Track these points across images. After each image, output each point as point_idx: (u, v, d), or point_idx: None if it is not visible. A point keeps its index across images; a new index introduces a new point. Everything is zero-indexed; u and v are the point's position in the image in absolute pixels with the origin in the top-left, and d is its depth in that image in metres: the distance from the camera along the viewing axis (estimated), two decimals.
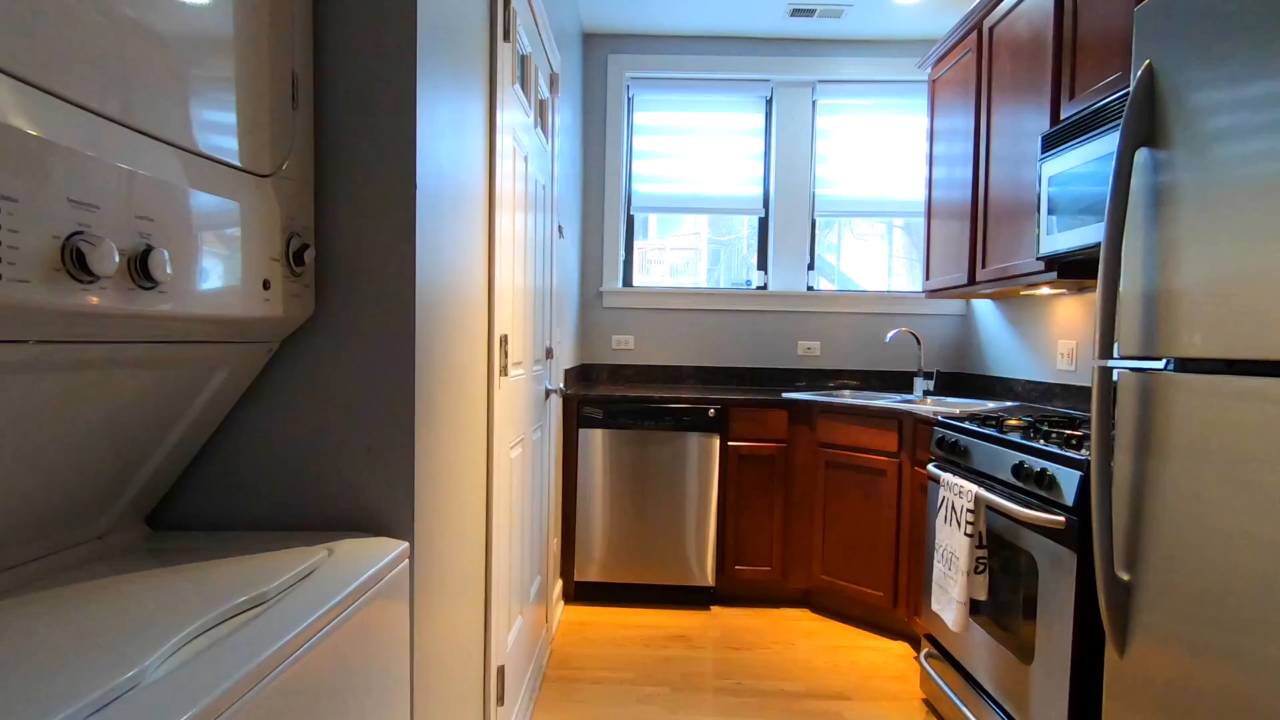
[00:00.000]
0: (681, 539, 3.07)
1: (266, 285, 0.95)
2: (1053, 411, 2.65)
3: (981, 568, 1.89)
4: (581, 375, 3.66)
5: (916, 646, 2.73)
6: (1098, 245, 1.97)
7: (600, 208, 3.69)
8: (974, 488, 1.89)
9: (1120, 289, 1.15)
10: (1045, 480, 1.65)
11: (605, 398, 3.07)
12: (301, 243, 1.03)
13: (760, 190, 3.73)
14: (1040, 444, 1.77)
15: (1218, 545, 1.01)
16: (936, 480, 2.17)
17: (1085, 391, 2.62)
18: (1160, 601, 1.11)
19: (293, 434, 1.11)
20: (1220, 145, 1.00)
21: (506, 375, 1.72)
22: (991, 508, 1.85)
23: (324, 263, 1.11)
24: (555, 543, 2.87)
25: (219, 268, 0.86)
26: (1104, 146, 1.94)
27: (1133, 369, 1.14)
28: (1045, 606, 1.66)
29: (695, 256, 4.15)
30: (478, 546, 1.56)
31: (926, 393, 3.30)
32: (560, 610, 2.96)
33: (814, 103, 3.69)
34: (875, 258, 3.95)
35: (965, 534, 1.90)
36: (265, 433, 1.11)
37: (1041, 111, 2.37)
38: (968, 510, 1.90)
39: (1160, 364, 1.12)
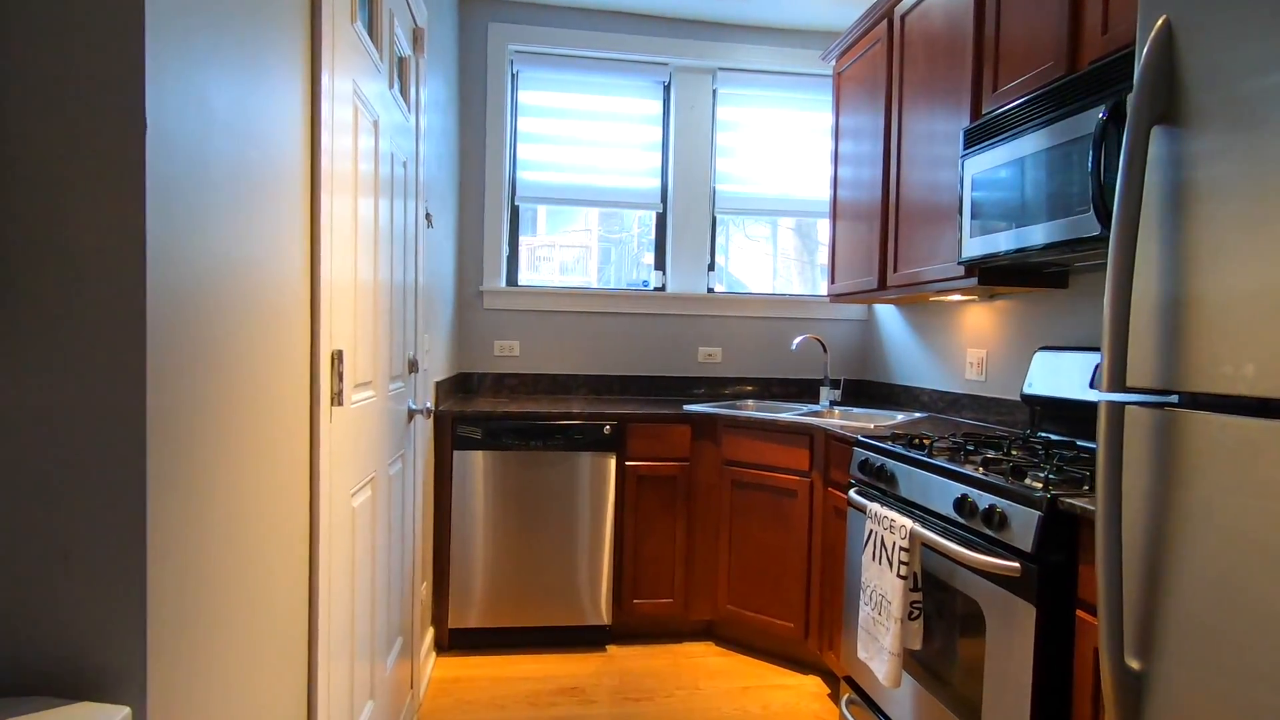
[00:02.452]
0: (573, 573, 2.72)
1: None
2: (977, 430, 2.51)
3: (916, 613, 1.66)
4: (458, 386, 3.22)
5: (829, 681, 2.52)
6: (1024, 250, 1.80)
7: (480, 196, 3.26)
8: (908, 523, 1.66)
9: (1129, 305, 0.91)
10: (995, 519, 1.43)
11: (485, 415, 2.66)
12: None
13: (658, 183, 3.43)
14: (981, 473, 1.55)
15: (1262, 638, 0.78)
16: (861, 510, 1.93)
17: (995, 403, 2.51)
18: (1181, 702, 0.87)
19: None
20: (1276, 120, 0.78)
21: (342, 404, 1.30)
22: (929, 546, 1.62)
23: None
24: (424, 589, 2.43)
25: None
26: (1036, 142, 1.76)
27: (1147, 404, 0.90)
28: (996, 665, 1.44)
29: (586, 255, 3.80)
30: (293, 643, 1.13)
31: (833, 403, 3.12)
32: (431, 665, 2.52)
33: (715, 91, 3.44)
34: (763, 259, 3.77)
35: (898, 575, 1.66)
36: None
37: (961, 107, 2.21)
38: (901, 549, 1.66)
39: (1173, 397, 0.90)
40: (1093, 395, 1.88)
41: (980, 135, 1.99)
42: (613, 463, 2.73)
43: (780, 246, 3.83)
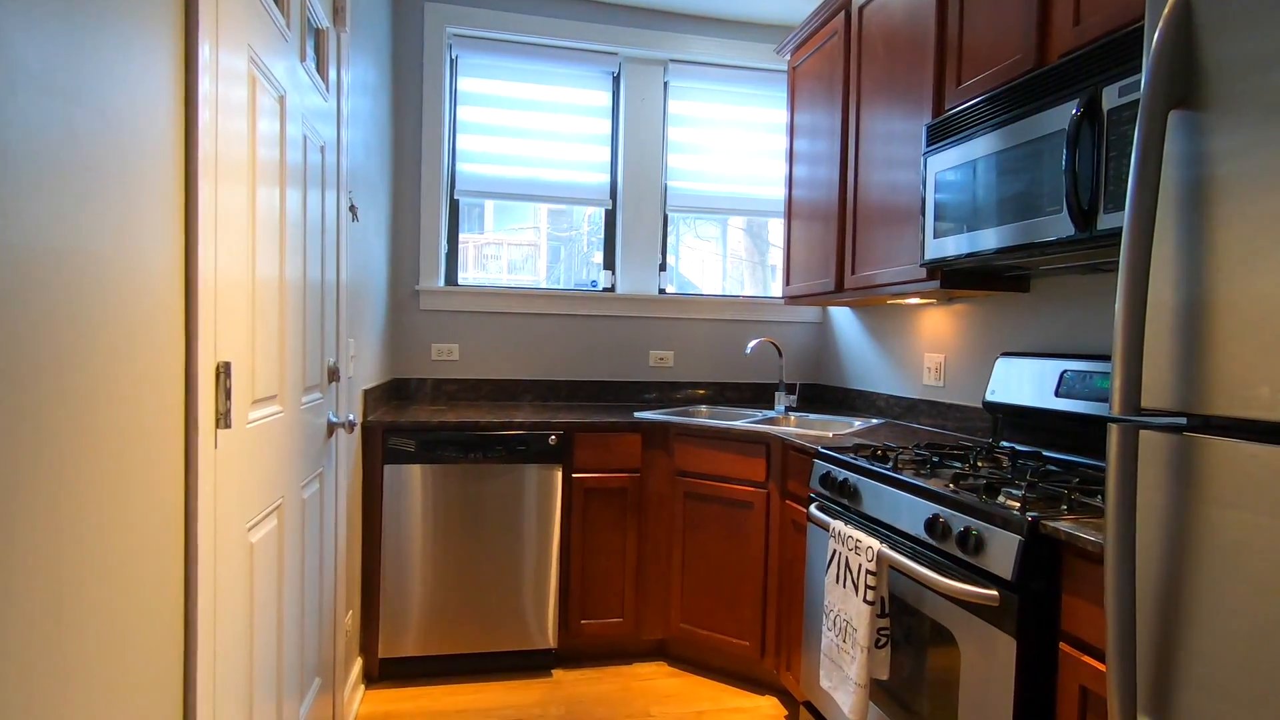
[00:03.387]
0: (517, 594, 2.53)
1: None
2: (939, 438, 2.43)
3: (883, 641, 1.54)
4: (392, 393, 2.99)
5: (786, 701, 2.40)
6: (991, 252, 1.71)
7: (416, 189, 3.03)
8: (875, 543, 1.55)
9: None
10: (971, 542, 1.32)
11: (419, 425, 2.45)
12: None
13: (607, 179, 3.27)
14: (951, 489, 1.45)
15: None
16: (824, 528, 1.82)
17: (954, 409, 2.44)
18: None
19: None
20: None
21: (230, 426, 1.10)
22: (898, 569, 1.51)
23: None
24: (350, 618, 2.21)
25: None
26: (1003, 139, 1.67)
27: (1164, 428, 0.79)
28: (971, 699, 1.33)
29: (534, 253, 3.62)
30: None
31: (789, 408, 3.02)
32: (359, 700, 2.31)
33: (666, 84, 3.30)
34: (713, 260, 3.65)
35: (865, 600, 1.55)
36: None
37: (922, 104, 2.12)
38: (868, 571, 1.55)
39: (1180, 419, 0.79)
40: (1061, 404, 1.80)
41: (944, 132, 1.90)
42: (559, 475, 2.56)
43: (730, 247, 3.72)
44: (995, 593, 1.26)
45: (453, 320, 3.08)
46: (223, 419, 1.08)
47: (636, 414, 2.76)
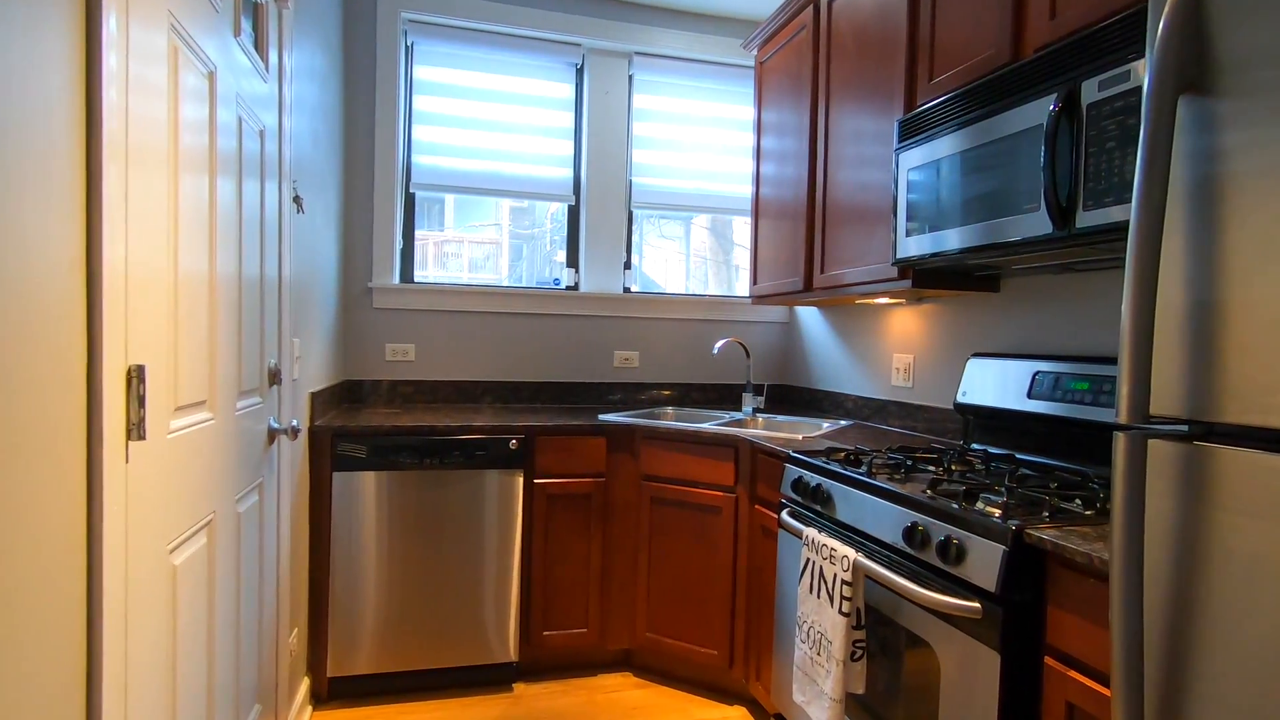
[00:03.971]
0: (476, 606, 2.42)
1: None
2: (910, 441, 2.39)
3: (859, 653, 1.49)
4: (343, 396, 2.85)
5: (755, 711, 2.34)
6: (965, 251, 1.67)
7: (369, 181, 2.89)
8: (850, 552, 1.49)
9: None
10: (951, 552, 1.27)
11: (371, 430, 2.32)
12: None
13: (570, 173, 3.17)
14: (928, 495, 1.40)
15: None
16: (796, 535, 1.75)
17: (923, 410, 2.41)
18: None
19: None
20: None
21: (144, 438, 0.98)
22: (874, 579, 1.45)
23: None
24: (295, 637, 2.08)
25: None
26: (977, 135, 1.63)
27: (1173, 436, 0.74)
28: (952, 717, 1.27)
29: (496, 252, 3.50)
30: None
31: (757, 410, 2.96)
32: None
33: (631, 77, 3.21)
34: (677, 259, 3.58)
35: (840, 612, 1.48)
36: None
37: (893, 100, 2.08)
38: (843, 581, 1.48)
39: (1182, 427, 0.74)
40: (1033, 406, 1.77)
41: (916, 128, 1.85)
42: (520, 481, 2.46)
43: (694, 247, 3.65)
44: (978, 605, 1.21)
45: (408, 319, 2.95)
46: (135, 429, 0.95)
47: (601, 416, 2.67)
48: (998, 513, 1.27)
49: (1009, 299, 2.08)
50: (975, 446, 2.00)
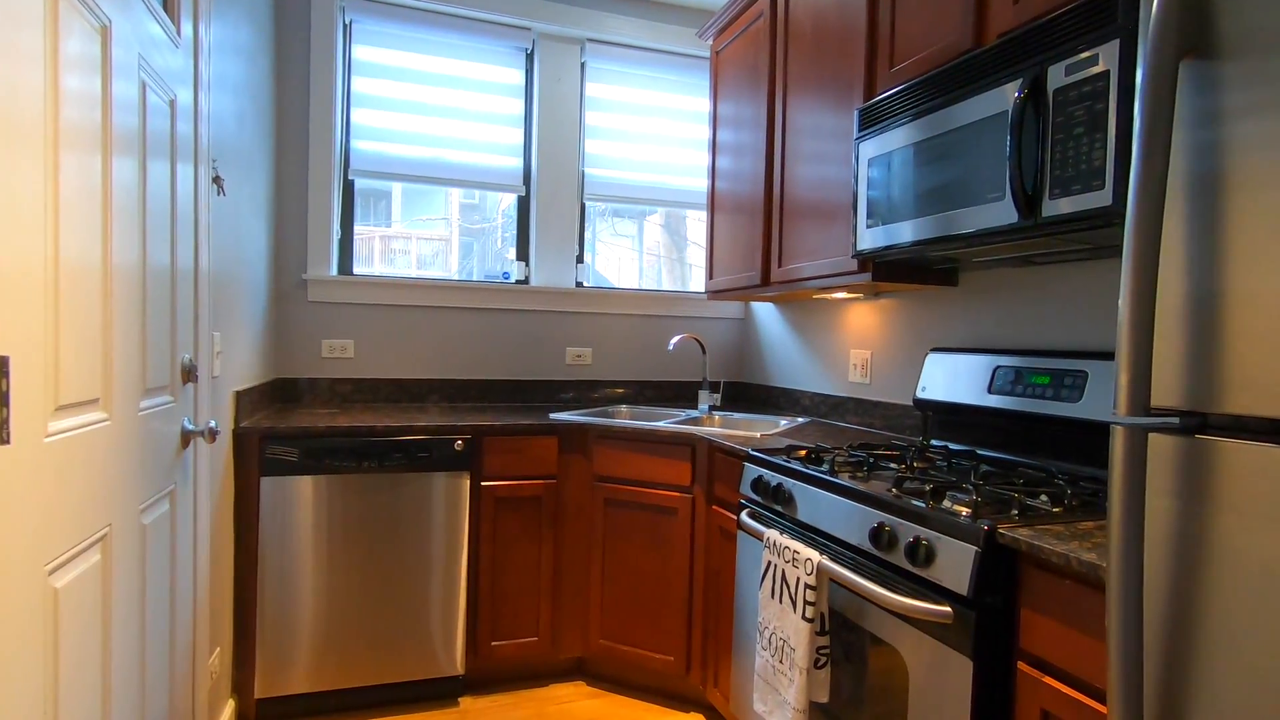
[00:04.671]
0: (420, 617, 2.28)
1: None
2: (869, 438, 2.35)
3: (823, 661, 1.42)
4: (275, 395, 2.67)
5: (713, 718, 2.27)
6: (927, 242, 1.62)
7: (303, 167, 2.71)
8: (814, 555, 1.42)
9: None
10: (921, 553, 1.21)
11: (303, 431, 2.16)
12: None
13: (520, 163, 3.04)
14: (894, 494, 1.34)
15: None
16: (757, 537, 1.68)
17: (880, 407, 2.37)
18: None
19: None
20: None
21: (7, 441, 0.83)
22: (839, 583, 1.38)
23: None
24: (216, 657, 1.91)
25: None
26: (939, 123, 1.59)
27: (1174, 429, 0.68)
28: None
29: (445, 248, 3.35)
30: None
31: (713, 407, 2.90)
32: None
33: (583, 64, 3.11)
34: (629, 256, 3.50)
35: (804, 617, 1.42)
36: None
37: (853, 89, 2.03)
38: (806, 585, 1.42)
39: (1172, 419, 0.68)
40: (994, 401, 1.74)
41: (877, 116, 1.80)
42: (466, 483, 2.33)
43: (647, 245, 3.57)
44: (949, 609, 1.15)
45: (347, 314, 2.78)
46: None
47: (552, 415, 2.56)
48: (966, 511, 1.22)
49: (967, 293, 2.05)
50: (935, 443, 1.97)
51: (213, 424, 1.59)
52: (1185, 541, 0.67)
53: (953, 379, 1.90)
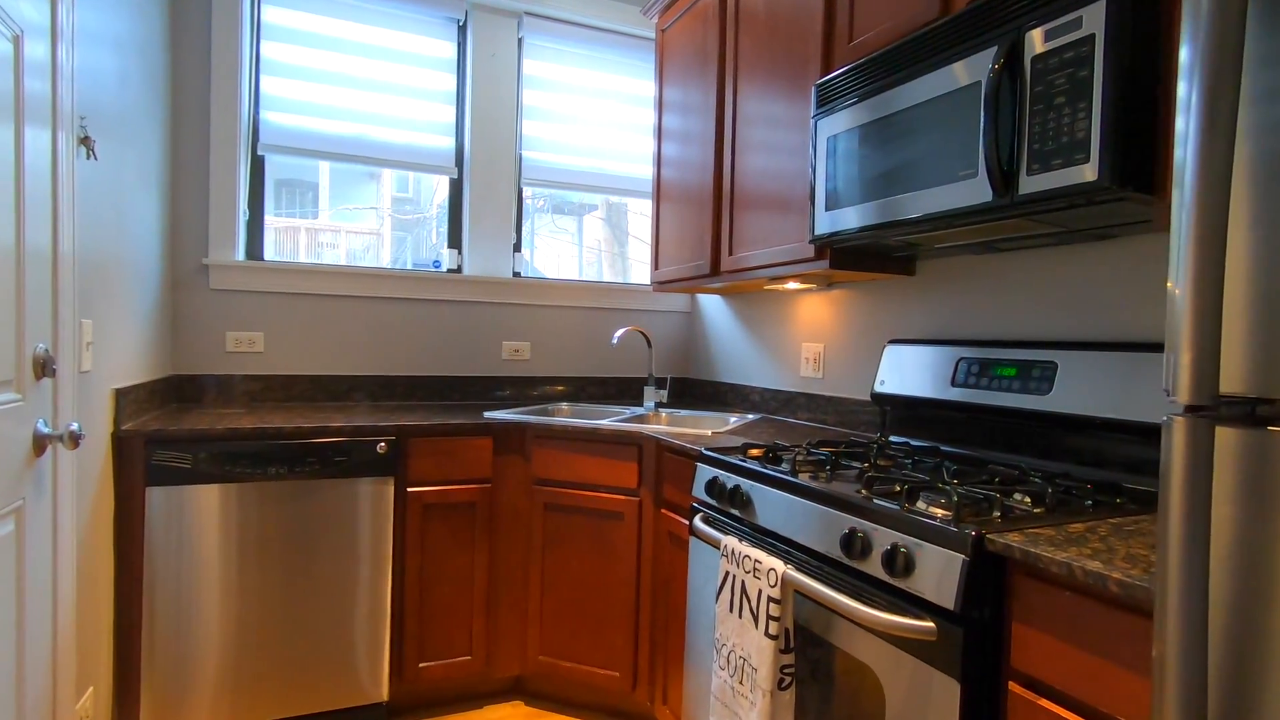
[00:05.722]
0: (338, 640, 2.05)
1: None
2: (825, 434, 2.24)
3: (788, 681, 1.29)
4: (169, 394, 2.37)
5: None
6: (891, 225, 1.51)
7: (204, 138, 2.43)
8: (778, 565, 1.28)
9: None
10: (899, 562, 1.09)
11: (199, 434, 1.90)
12: None
13: (453, 143, 2.83)
14: (863, 495, 1.22)
15: None
16: (714, 545, 1.54)
17: (834, 402, 2.27)
18: None
19: None
20: None
21: None
22: (807, 595, 1.25)
23: None
24: (89, 699, 1.64)
25: None
26: (906, 96, 1.48)
27: (1243, 420, 0.56)
28: None
29: (377, 242, 3.11)
30: None
31: (659, 404, 2.75)
32: None
33: (521, 40, 2.91)
34: (569, 250, 3.33)
35: (767, 634, 1.28)
36: None
37: (810, 63, 1.91)
38: (770, 599, 1.28)
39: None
40: (958, 395, 1.65)
41: (837, 92, 1.69)
42: (391, 490, 2.11)
43: (587, 240, 3.40)
44: (931, 624, 1.03)
45: (256, 303, 2.51)
46: None
47: (487, 414, 2.36)
48: (945, 514, 1.10)
49: (926, 282, 1.97)
50: (895, 439, 1.88)
51: (74, 426, 1.34)
52: (1252, 552, 0.55)
53: (913, 372, 1.81)
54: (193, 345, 2.42)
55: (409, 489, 2.13)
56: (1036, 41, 1.22)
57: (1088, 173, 1.13)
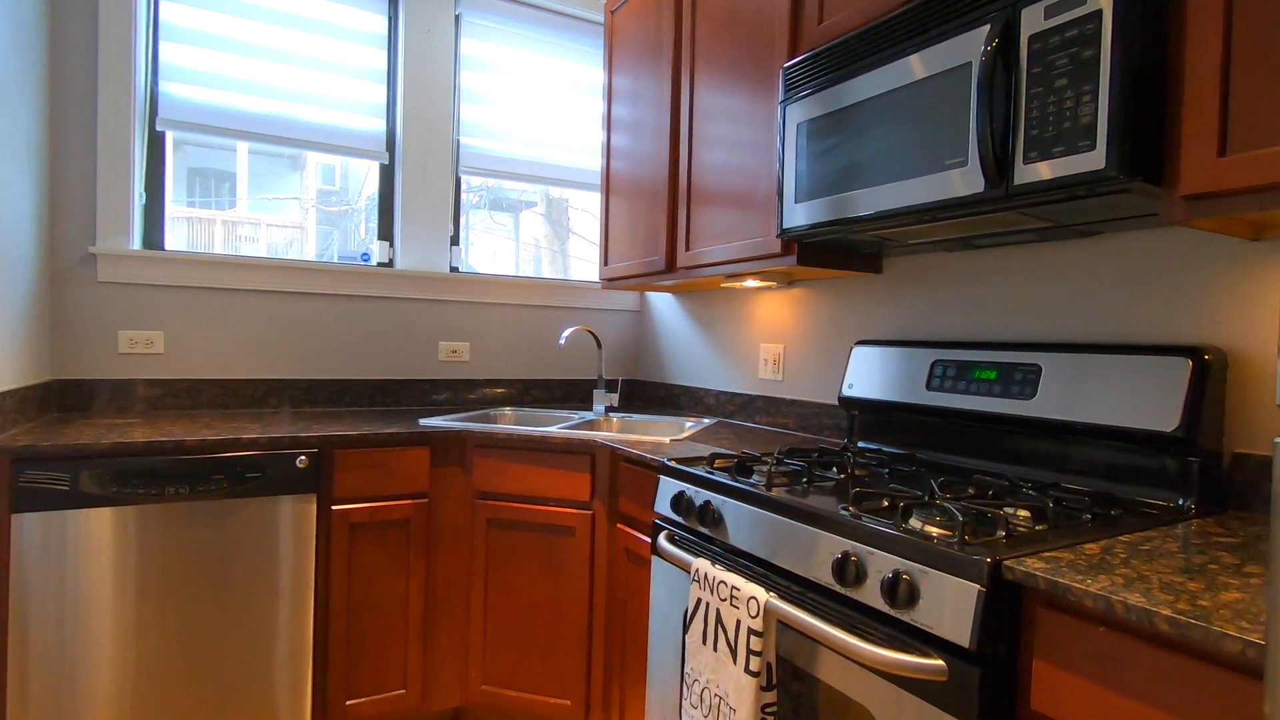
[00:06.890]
0: (258, 679, 1.81)
1: None
2: (789, 443, 2.13)
3: None
4: (52, 402, 2.07)
5: None
6: (870, 217, 1.41)
7: (90, 111, 2.12)
8: (759, 593, 1.15)
9: None
10: (901, 591, 0.97)
11: (79, 450, 1.63)
12: None
13: (383, 126, 2.59)
14: (850, 512, 1.10)
15: None
16: (683, 568, 1.40)
17: (794, 406, 2.17)
18: None
19: None
20: None
21: None
22: (791, 625, 1.12)
23: None
24: None
25: None
26: (883, 80, 1.37)
27: None
28: None
29: (301, 236, 2.83)
30: None
31: (610, 409, 2.59)
32: None
33: (459, 17, 2.70)
34: (506, 246, 3.14)
35: (747, 670, 1.15)
36: None
37: (775, 45, 1.79)
38: (750, 631, 1.15)
39: None
40: (935, 399, 1.56)
41: (807, 74, 1.57)
42: (312, 508, 1.88)
43: (524, 237, 3.21)
44: (941, 663, 0.91)
45: (153, 298, 2.22)
46: None
47: (423, 421, 2.16)
48: (939, 533, 0.99)
49: (893, 280, 1.88)
50: (865, 446, 1.78)
51: None
52: None
53: (884, 374, 1.72)
54: (77, 346, 2.12)
55: (334, 507, 1.91)
56: (1034, 19, 1.13)
57: (1094, 161, 1.05)
